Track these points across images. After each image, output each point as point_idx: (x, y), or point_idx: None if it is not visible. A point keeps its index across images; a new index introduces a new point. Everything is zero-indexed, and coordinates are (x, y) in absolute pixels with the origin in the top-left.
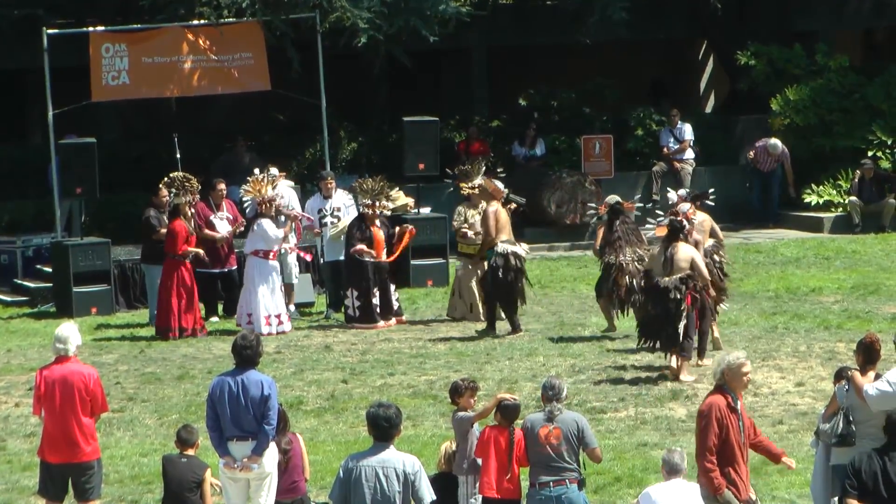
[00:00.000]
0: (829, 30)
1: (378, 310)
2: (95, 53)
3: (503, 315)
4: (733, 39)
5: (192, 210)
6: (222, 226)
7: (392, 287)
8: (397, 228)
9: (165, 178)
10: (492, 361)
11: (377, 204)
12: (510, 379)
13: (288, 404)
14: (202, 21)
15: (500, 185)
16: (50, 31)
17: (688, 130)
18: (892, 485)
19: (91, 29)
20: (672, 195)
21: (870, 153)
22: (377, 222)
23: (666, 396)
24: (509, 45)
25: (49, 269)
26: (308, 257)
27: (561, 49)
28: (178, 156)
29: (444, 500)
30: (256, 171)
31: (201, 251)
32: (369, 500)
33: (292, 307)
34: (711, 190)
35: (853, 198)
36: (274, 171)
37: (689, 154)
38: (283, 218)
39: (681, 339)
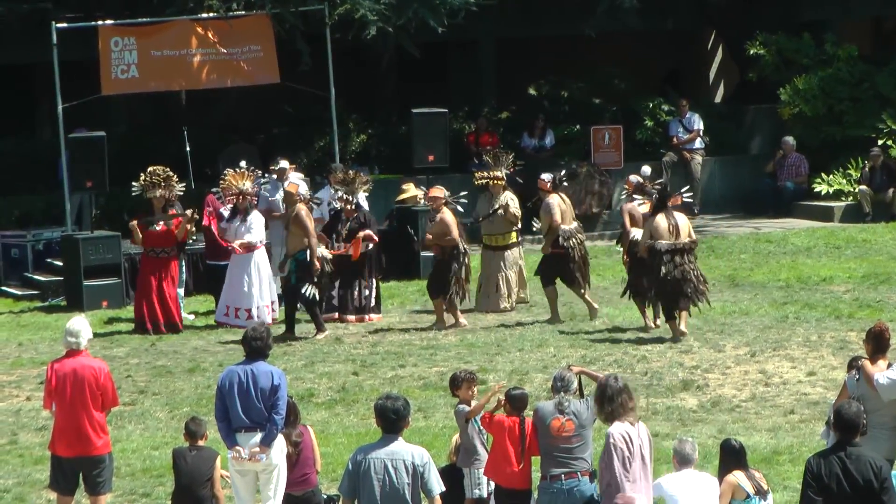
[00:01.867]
0: (838, 19)
1: (336, 302)
2: (104, 47)
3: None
4: (742, 29)
5: (174, 204)
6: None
7: (360, 284)
8: (361, 233)
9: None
10: (502, 353)
11: (348, 198)
12: (521, 370)
13: (299, 397)
14: (211, 14)
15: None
16: (58, 25)
17: (697, 120)
18: (856, 483)
19: (100, 23)
20: (633, 177)
21: (880, 142)
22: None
23: (677, 386)
24: (517, 36)
25: (59, 263)
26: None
27: (569, 40)
28: (188, 149)
29: (455, 491)
30: (243, 163)
31: (139, 235)
32: (378, 492)
33: None
34: (659, 179)
35: (863, 187)
36: (284, 163)
37: (699, 144)
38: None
39: (691, 297)
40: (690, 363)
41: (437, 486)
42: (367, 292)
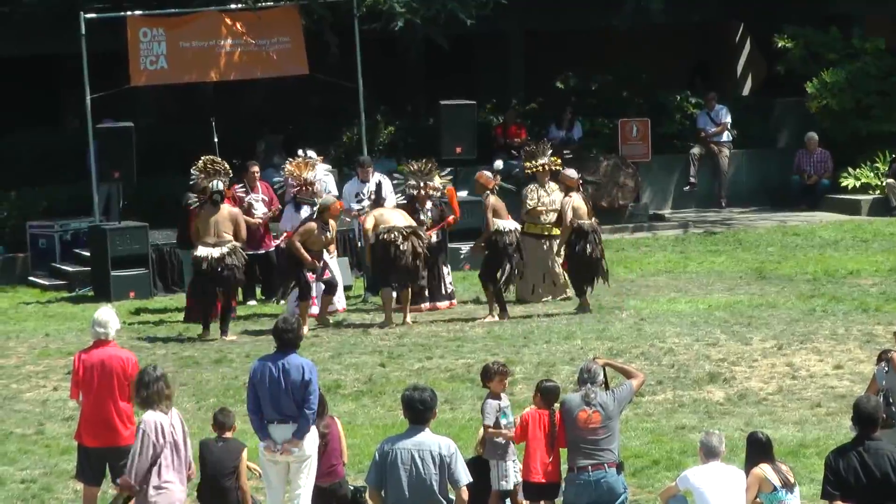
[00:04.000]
0: (865, 12)
1: (426, 291)
2: (133, 38)
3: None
4: (769, 22)
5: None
6: (258, 207)
7: (445, 269)
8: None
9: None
10: (529, 345)
11: (426, 185)
12: (548, 362)
13: (326, 388)
14: (239, 5)
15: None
16: (87, 15)
17: (725, 113)
18: (875, 478)
19: (128, 13)
20: (487, 173)
21: None
22: (428, 203)
23: (704, 379)
24: (545, 28)
25: (87, 254)
26: None
27: (597, 32)
28: (216, 140)
29: (482, 483)
30: (301, 151)
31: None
32: (405, 483)
33: None
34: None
35: (890, 180)
36: (312, 154)
37: (726, 137)
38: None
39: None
40: (717, 356)
41: (465, 476)
42: (449, 278)
